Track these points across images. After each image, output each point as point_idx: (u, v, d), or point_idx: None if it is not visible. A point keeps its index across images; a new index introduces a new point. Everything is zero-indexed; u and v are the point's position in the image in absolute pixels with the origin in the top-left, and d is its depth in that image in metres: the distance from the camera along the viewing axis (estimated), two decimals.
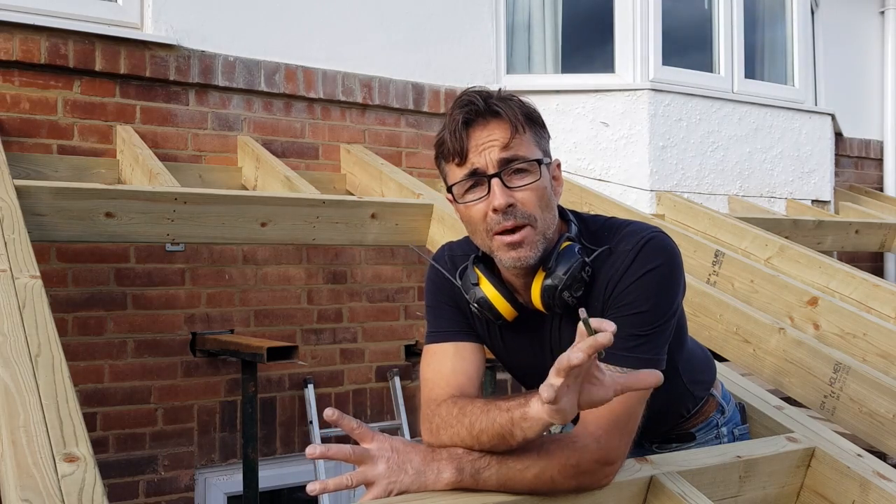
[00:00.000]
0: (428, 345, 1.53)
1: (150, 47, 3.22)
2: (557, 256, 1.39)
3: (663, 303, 1.37)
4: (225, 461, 3.33)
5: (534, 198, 1.37)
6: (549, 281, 1.38)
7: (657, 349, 1.38)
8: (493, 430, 1.26)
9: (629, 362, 1.34)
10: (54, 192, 2.25)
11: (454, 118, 1.38)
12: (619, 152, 4.00)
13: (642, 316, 1.35)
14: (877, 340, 2.49)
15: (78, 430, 1.22)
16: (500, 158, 1.36)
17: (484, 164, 1.36)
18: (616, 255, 1.40)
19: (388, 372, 3.71)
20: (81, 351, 3.06)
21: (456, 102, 1.40)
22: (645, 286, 1.36)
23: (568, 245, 1.41)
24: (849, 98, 5.56)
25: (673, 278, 1.39)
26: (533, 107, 1.43)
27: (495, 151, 1.36)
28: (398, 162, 3.76)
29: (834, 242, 4.16)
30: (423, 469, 1.29)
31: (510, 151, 1.36)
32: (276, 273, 3.50)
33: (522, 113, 1.39)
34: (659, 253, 1.38)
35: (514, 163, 1.36)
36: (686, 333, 1.60)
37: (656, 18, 4.20)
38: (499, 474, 1.29)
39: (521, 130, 1.37)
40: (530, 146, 1.39)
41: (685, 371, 1.57)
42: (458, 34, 4.02)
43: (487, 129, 1.37)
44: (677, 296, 1.41)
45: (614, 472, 1.37)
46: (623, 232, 1.43)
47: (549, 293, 1.39)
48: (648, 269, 1.36)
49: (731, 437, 1.68)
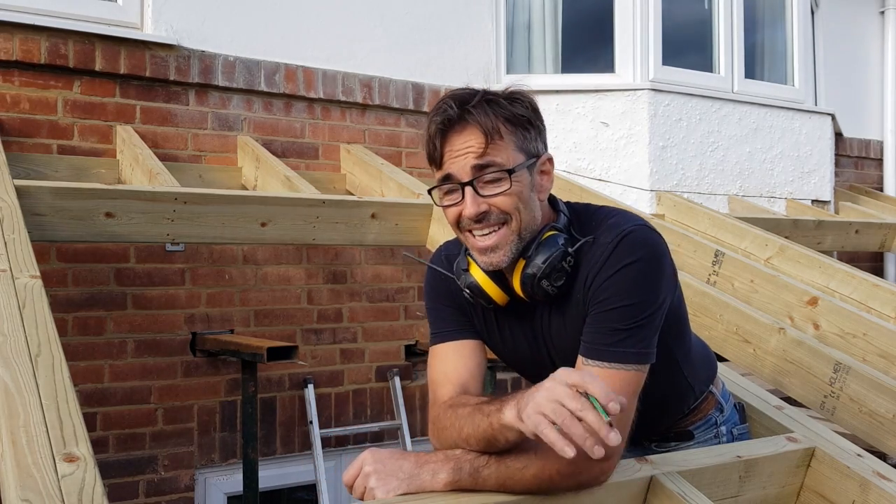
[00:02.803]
0: (431, 347, 1.55)
1: (150, 47, 3.22)
2: (538, 246, 1.40)
3: (645, 297, 1.36)
4: (225, 461, 3.34)
5: (509, 201, 1.38)
6: (527, 270, 1.40)
7: (644, 343, 1.37)
8: (479, 435, 1.28)
9: (616, 357, 1.35)
10: (54, 192, 2.25)
11: (431, 124, 1.39)
12: (619, 152, 4.00)
13: (623, 310, 1.35)
14: (877, 340, 2.49)
15: (78, 430, 1.22)
16: (474, 166, 1.37)
17: (458, 171, 1.38)
18: (596, 246, 1.40)
19: (388, 372, 3.71)
20: (81, 351, 3.06)
21: (434, 107, 1.41)
22: (622, 281, 1.35)
23: (550, 235, 1.42)
24: (849, 98, 5.55)
25: (654, 272, 1.38)
26: (524, 104, 1.42)
27: (469, 158, 1.37)
28: (398, 162, 3.76)
29: (834, 242, 4.16)
30: (416, 472, 1.30)
31: (484, 159, 1.36)
32: (276, 273, 3.50)
33: (504, 117, 1.38)
34: (638, 247, 1.37)
35: (487, 170, 1.37)
36: (687, 327, 1.60)
37: (656, 18, 4.20)
38: (498, 473, 1.29)
39: (497, 136, 1.37)
40: (508, 152, 1.38)
41: (685, 364, 1.57)
42: (459, 34, 4.02)
43: (463, 136, 1.37)
44: (661, 289, 1.39)
45: (612, 468, 1.37)
46: (606, 223, 1.43)
47: (529, 282, 1.41)
48: (626, 264, 1.36)
49: (731, 436, 1.68)
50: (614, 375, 1.35)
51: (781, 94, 4.73)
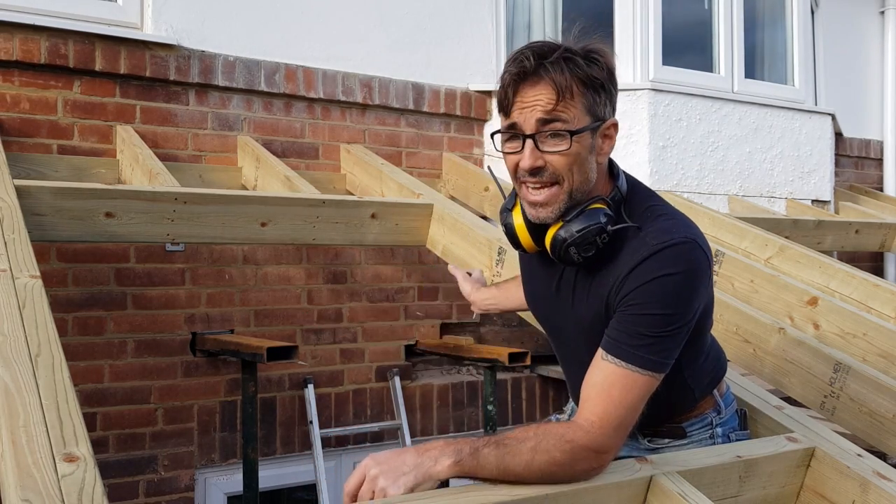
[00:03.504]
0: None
1: (150, 47, 3.22)
2: (579, 213, 1.43)
3: (676, 311, 1.37)
4: (225, 461, 3.34)
5: (565, 161, 1.41)
6: (561, 232, 1.44)
7: (664, 353, 1.38)
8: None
9: (635, 359, 1.36)
10: (54, 192, 2.25)
11: (507, 71, 1.42)
12: (619, 152, 3.97)
13: (653, 318, 1.36)
14: (877, 340, 2.49)
15: (78, 430, 1.22)
16: (538, 119, 1.39)
17: (523, 122, 1.41)
18: (640, 240, 1.40)
19: (388, 372, 3.71)
20: (81, 351, 3.06)
21: (512, 56, 1.43)
22: (658, 290, 1.36)
23: (596, 207, 1.44)
24: (849, 98, 5.55)
25: (691, 289, 1.39)
26: (601, 68, 1.43)
27: (537, 112, 1.39)
28: (398, 162, 3.76)
29: (834, 242, 4.16)
30: (419, 461, 1.31)
31: (551, 115, 1.39)
32: (276, 273, 3.50)
33: (578, 77, 1.39)
34: (681, 261, 1.37)
35: (551, 125, 1.39)
36: (704, 337, 1.59)
37: (656, 18, 4.20)
38: (497, 452, 1.31)
39: (569, 96, 1.39)
40: (576, 111, 1.40)
41: (688, 368, 1.56)
42: (459, 34, 4.02)
43: (535, 90, 1.39)
44: (692, 306, 1.40)
45: (607, 462, 1.39)
46: (659, 221, 1.43)
47: (558, 244, 1.44)
48: (665, 274, 1.36)
49: (727, 440, 1.67)
50: (629, 376, 1.36)
51: (781, 94, 4.73)
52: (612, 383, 1.36)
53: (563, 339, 1.64)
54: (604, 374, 1.38)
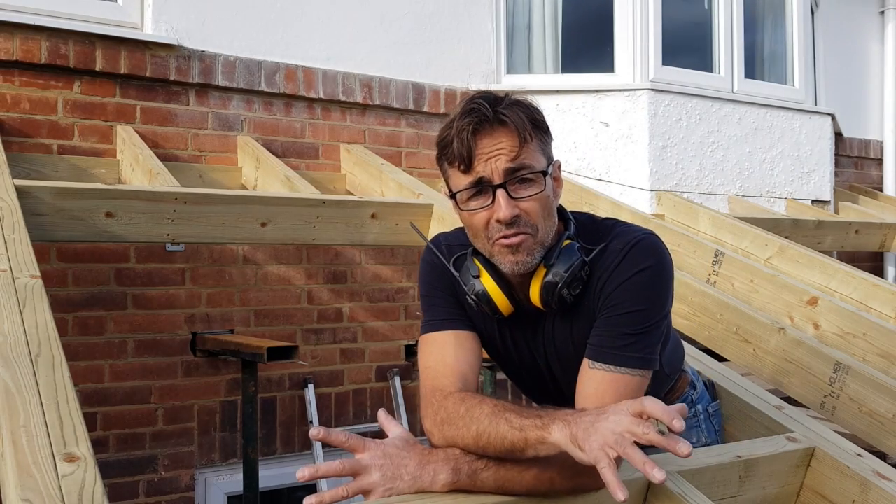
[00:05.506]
0: (426, 333, 1.51)
1: (150, 47, 3.22)
2: (559, 254, 1.40)
3: (654, 303, 1.39)
4: (225, 461, 3.34)
5: (537, 207, 1.38)
6: (549, 277, 1.39)
7: (650, 348, 1.39)
8: (503, 446, 1.25)
9: (622, 361, 1.36)
10: (54, 192, 2.25)
11: (462, 125, 1.35)
12: (619, 152, 4.00)
13: (633, 315, 1.37)
14: (877, 340, 2.49)
15: (78, 430, 1.21)
16: (507, 168, 1.35)
17: (490, 173, 1.35)
18: (608, 253, 1.41)
19: (388, 372, 3.71)
20: (81, 351, 3.06)
21: (462, 108, 1.38)
22: (634, 286, 1.37)
23: (569, 244, 1.42)
24: (849, 98, 5.55)
25: (664, 280, 1.41)
26: (538, 110, 1.41)
27: (502, 161, 1.35)
28: (398, 162, 3.76)
29: (834, 242, 4.16)
30: (418, 473, 1.28)
31: (517, 161, 1.35)
32: (276, 273, 3.51)
33: (529, 120, 1.37)
34: (649, 255, 1.39)
35: (520, 172, 1.36)
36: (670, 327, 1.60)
37: (656, 18, 4.19)
38: (496, 476, 1.29)
39: (528, 139, 1.36)
40: (536, 155, 1.38)
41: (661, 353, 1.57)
42: (459, 34, 4.02)
43: (494, 138, 1.35)
44: (668, 297, 1.42)
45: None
46: (615, 231, 1.44)
47: (549, 290, 1.40)
48: (638, 270, 1.37)
49: (706, 415, 1.70)
50: (619, 380, 1.36)
51: (781, 94, 4.72)
52: (604, 391, 1.35)
53: (553, 376, 1.57)
54: (595, 383, 1.37)
